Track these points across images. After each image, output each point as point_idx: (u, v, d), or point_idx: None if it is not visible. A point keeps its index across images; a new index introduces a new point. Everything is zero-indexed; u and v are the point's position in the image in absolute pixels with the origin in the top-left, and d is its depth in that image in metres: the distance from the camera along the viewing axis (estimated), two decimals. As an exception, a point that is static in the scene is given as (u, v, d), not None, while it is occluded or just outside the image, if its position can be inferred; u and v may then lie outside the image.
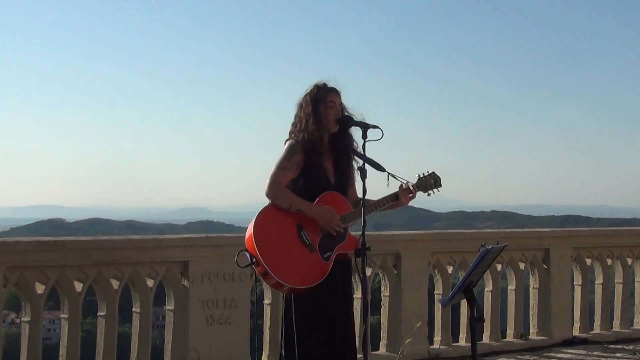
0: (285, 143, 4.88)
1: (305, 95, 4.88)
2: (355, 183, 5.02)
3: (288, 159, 4.77)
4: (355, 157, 4.90)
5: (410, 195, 5.06)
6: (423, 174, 5.12)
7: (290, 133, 4.90)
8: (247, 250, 4.62)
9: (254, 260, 4.56)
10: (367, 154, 4.69)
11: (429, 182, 5.12)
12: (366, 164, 4.69)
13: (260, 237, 4.57)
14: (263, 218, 4.65)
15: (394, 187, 4.96)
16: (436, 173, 5.15)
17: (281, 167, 4.76)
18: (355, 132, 4.89)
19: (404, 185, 5.03)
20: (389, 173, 4.84)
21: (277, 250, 4.59)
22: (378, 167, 4.77)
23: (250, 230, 4.61)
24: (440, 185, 5.15)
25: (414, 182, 5.07)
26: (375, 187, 4.88)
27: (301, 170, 4.80)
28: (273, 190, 4.71)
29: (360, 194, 4.67)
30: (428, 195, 5.14)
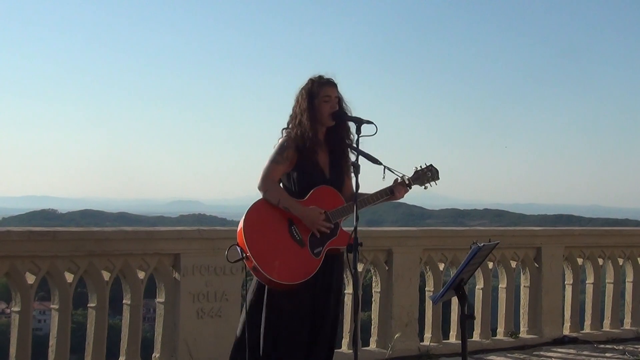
0: (281, 134, 4.89)
1: (301, 89, 4.89)
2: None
3: (280, 153, 4.78)
4: (351, 150, 4.89)
5: (406, 189, 5.05)
6: (420, 166, 5.08)
7: (288, 124, 4.91)
8: (238, 245, 4.61)
9: (245, 255, 4.54)
10: (362, 148, 4.69)
11: (427, 175, 5.06)
12: (362, 158, 4.70)
13: (250, 231, 4.56)
14: (254, 212, 4.64)
15: (389, 180, 4.96)
16: (434, 166, 5.10)
17: (274, 161, 4.76)
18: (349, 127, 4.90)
19: (399, 179, 5.02)
20: (385, 167, 4.84)
21: (267, 245, 4.57)
22: (374, 161, 4.77)
23: (240, 224, 4.61)
24: (438, 178, 5.09)
25: (410, 176, 5.04)
26: (370, 180, 4.93)
27: (295, 165, 4.80)
28: (265, 183, 4.72)
29: (353, 189, 4.67)
30: (425, 188, 5.09)
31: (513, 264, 8.46)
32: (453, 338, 8.00)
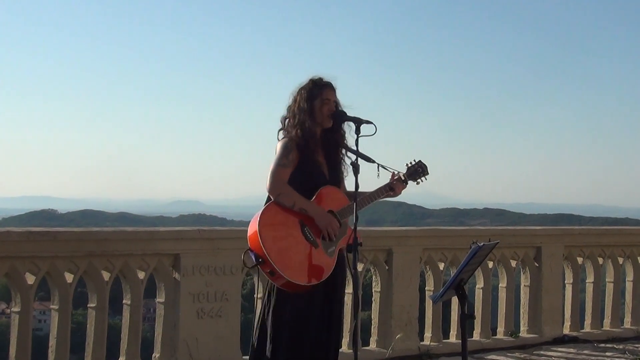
0: (279, 135, 4.88)
1: (301, 89, 4.87)
2: (348, 178, 5.03)
3: (286, 156, 4.77)
4: (346, 151, 4.92)
5: (404, 185, 5.10)
6: (411, 162, 5.17)
7: (283, 123, 4.90)
8: (251, 250, 4.58)
9: (260, 259, 4.52)
10: (359, 147, 4.71)
11: (418, 170, 5.16)
12: (359, 159, 4.71)
13: (267, 235, 4.52)
14: (268, 216, 4.61)
15: (383, 177, 5.00)
16: (422, 161, 5.18)
17: (281, 164, 4.75)
18: (349, 127, 4.91)
19: (395, 175, 5.06)
20: (378, 164, 4.87)
21: (284, 249, 4.56)
22: (368, 159, 4.79)
23: (254, 228, 4.55)
24: (428, 173, 5.18)
25: (404, 172, 5.13)
26: (365, 178, 4.96)
27: (296, 166, 4.80)
28: (277, 187, 4.69)
29: (352, 189, 4.69)
30: (417, 184, 5.19)
31: (513, 263, 8.46)
32: (453, 337, 8.01)
